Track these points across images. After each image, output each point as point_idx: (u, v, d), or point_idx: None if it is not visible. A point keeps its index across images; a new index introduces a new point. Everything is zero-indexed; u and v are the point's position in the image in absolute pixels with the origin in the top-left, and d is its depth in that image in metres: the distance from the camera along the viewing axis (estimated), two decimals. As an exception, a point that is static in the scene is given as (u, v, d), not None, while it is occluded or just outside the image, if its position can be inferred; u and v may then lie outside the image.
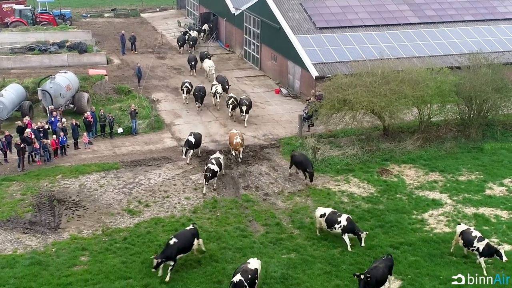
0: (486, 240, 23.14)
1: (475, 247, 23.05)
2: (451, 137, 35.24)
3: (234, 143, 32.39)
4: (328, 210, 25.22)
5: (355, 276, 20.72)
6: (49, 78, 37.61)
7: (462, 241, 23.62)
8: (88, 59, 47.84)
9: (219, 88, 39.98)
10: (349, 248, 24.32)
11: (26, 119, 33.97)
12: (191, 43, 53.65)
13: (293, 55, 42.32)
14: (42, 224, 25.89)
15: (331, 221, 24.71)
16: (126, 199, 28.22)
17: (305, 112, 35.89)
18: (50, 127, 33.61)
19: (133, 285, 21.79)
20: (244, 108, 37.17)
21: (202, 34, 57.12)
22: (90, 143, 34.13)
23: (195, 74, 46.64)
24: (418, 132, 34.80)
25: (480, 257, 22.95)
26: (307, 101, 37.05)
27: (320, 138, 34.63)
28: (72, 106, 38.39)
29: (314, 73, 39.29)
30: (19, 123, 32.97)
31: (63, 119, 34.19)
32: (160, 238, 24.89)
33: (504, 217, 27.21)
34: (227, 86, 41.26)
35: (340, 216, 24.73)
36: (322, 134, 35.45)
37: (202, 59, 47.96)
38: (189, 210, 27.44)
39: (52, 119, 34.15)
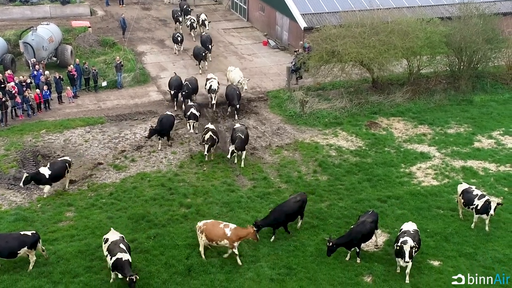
0: (487, 197, 22.42)
1: (475, 205, 22.32)
2: (440, 89, 34.96)
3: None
4: (412, 227, 20.92)
5: (328, 241, 20.42)
6: (30, 30, 36.67)
7: (463, 201, 22.90)
8: (71, 11, 46.83)
9: (215, 83, 32.31)
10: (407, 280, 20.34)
11: (8, 72, 33.18)
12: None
13: (281, 6, 41.35)
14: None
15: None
16: (112, 154, 27.89)
17: (293, 64, 35.33)
18: (32, 81, 32.89)
19: (119, 241, 21.65)
20: (234, 147, 26.65)
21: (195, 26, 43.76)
22: (74, 97, 33.53)
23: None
24: (407, 84, 34.45)
25: (476, 214, 22.44)
26: (295, 53, 36.44)
27: (308, 91, 34.18)
28: (55, 59, 37.69)
29: (303, 24, 38.50)
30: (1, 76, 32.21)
31: (47, 72, 33.43)
32: (146, 193, 24.72)
33: (492, 170, 27.18)
34: (237, 106, 31.21)
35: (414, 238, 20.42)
36: (311, 87, 35.03)
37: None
38: (175, 164, 27.18)
39: (35, 72, 33.35)
